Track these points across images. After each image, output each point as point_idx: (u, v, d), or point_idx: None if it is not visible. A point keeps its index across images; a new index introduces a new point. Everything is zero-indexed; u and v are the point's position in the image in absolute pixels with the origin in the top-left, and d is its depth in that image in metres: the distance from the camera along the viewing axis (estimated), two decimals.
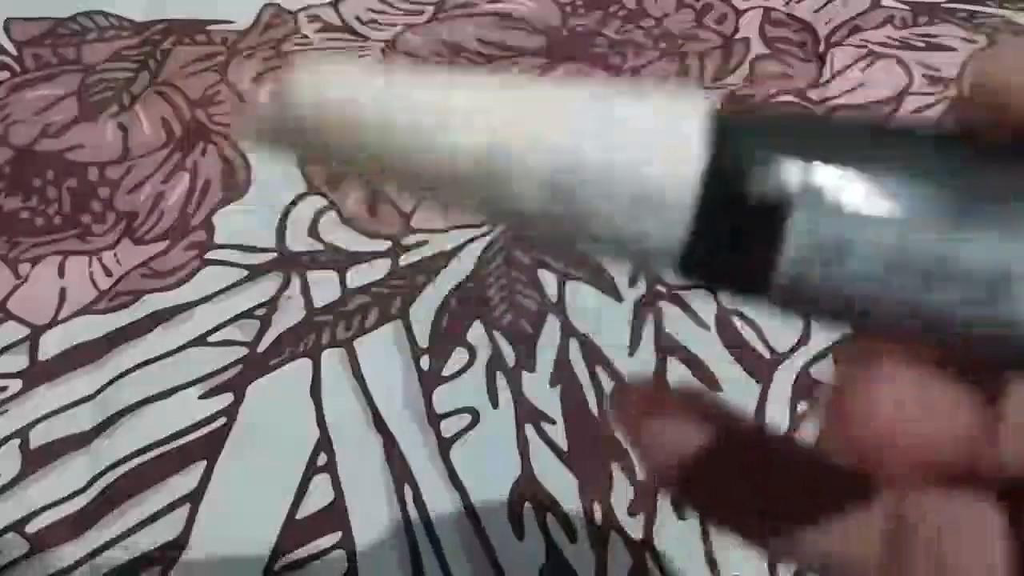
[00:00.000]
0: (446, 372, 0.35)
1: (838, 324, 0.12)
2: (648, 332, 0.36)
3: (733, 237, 0.11)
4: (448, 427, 0.33)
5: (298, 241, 0.40)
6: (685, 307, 0.37)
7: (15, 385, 0.35)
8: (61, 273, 0.39)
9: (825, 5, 0.52)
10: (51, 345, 0.36)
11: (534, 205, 0.11)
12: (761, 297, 0.12)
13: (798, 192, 0.11)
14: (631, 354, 0.35)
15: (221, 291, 0.38)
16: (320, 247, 0.39)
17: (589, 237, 0.12)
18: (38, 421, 0.34)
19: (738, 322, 0.36)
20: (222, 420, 0.33)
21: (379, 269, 0.38)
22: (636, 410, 0.14)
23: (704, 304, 0.37)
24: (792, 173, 0.11)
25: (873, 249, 0.11)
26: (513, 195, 0.11)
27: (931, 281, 0.11)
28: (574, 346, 0.35)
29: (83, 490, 0.32)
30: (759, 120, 0.12)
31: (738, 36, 0.51)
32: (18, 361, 0.36)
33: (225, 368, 0.35)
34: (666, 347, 0.35)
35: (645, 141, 0.11)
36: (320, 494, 0.31)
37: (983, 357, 0.12)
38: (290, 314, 0.37)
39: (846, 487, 0.13)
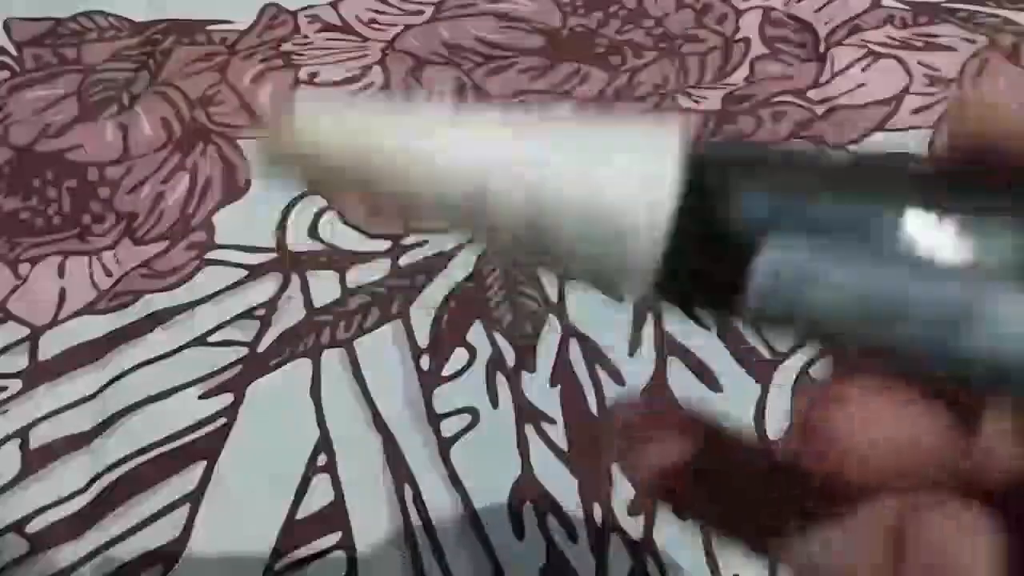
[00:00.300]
0: (446, 372, 0.35)
1: (807, 343, 0.13)
2: (648, 332, 0.36)
3: (704, 265, 0.12)
4: (448, 427, 0.33)
5: (298, 241, 0.40)
6: None
7: (15, 385, 0.35)
8: (61, 273, 0.39)
9: (825, 5, 0.52)
10: (51, 345, 0.36)
11: (515, 234, 0.12)
12: (732, 318, 0.12)
13: (766, 226, 0.12)
14: (631, 354, 0.35)
15: (221, 291, 0.38)
16: (320, 247, 0.39)
17: (567, 263, 0.12)
18: (38, 421, 0.34)
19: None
20: (222, 420, 0.33)
21: (379, 269, 0.38)
22: (629, 427, 0.15)
23: None
24: (761, 207, 0.12)
25: (836, 284, 0.11)
26: (496, 224, 0.12)
27: (893, 318, 0.11)
28: (574, 346, 0.35)
29: (83, 490, 0.32)
30: (732, 154, 0.12)
31: (738, 36, 0.51)
32: (18, 361, 0.36)
33: (225, 368, 0.35)
34: (666, 347, 0.35)
35: (622, 174, 0.12)
36: (320, 494, 0.31)
37: (950, 384, 0.12)
38: (290, 314, 0.37)
39: (830, 495, 0.14)
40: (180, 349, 0.36)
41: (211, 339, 0.36)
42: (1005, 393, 0.12)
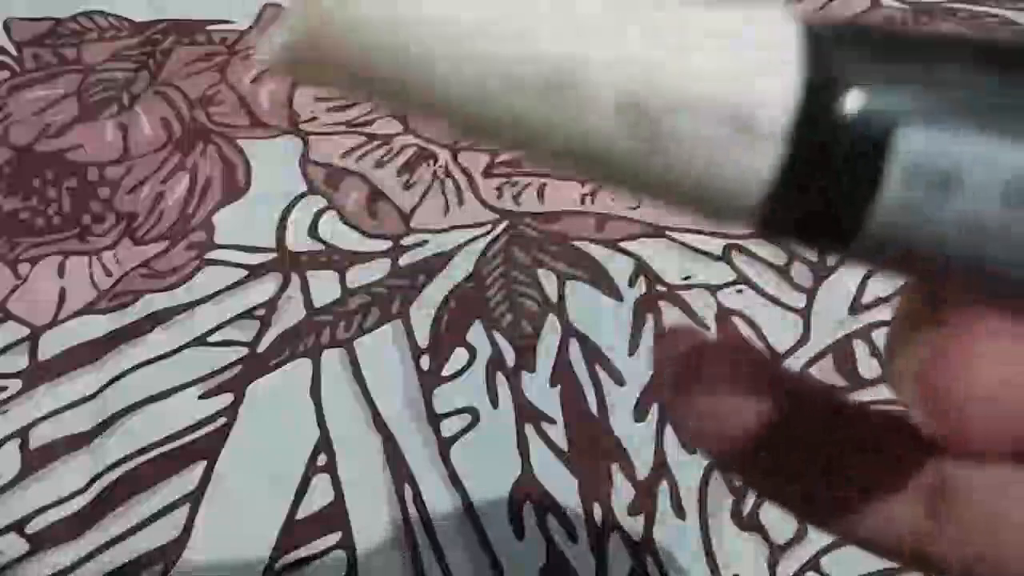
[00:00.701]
0: (446, 372, 0.35)
1: (933, 275, 0.11)
2: (648, 332, 0.36)
3: (831, 165, 0.10)
4: (448, 427, 0.33)
5: (298, 241, 0.40)
6: (685, 307, 0.37)
7: (15, 385, 0.35)
8: (61, 273, 0.39)
9: (825, 5, 0.52)
10: (51, 345, 0.36)
11: (607, 133, 0.10)
12: (853, 238, 0.10)
13: (905, 116, 0.10)
14: (631, 354, 0.35)
15: (221, 291, 0.38)
16: (320, 247, 0.39)
17: (666, 171, 0.10)
18: (38, 421, 0.34)
19: (738, 321, 0.36)
20: (222, 420, 0.33)
21: (379, 269, 0.38)
22: (686, 369, 0.13)
23: (704, 304, 0.37)
24: (898, 96, 0.10)
25: (986, 179, 0.10)
26: (584, 120, 0.10)
27: None
28: (574, 346, 0.35)
29: (83, 490, 0.32)
30: (858, 35, 0.10)
31: None
32: (18, 361, 0.36)
33: (225, 368, 0.35)
34: None
35: (733, 56, 0.10)
36: (320, 494, 0.31)
37: None
38: (290, 314, 0.37)
39: (907, 456, 0.12)
40: (180, 349, 0.36)
41: (211, 339, 0.36)
42: None
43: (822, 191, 0.10)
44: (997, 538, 0.12)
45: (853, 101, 0.10)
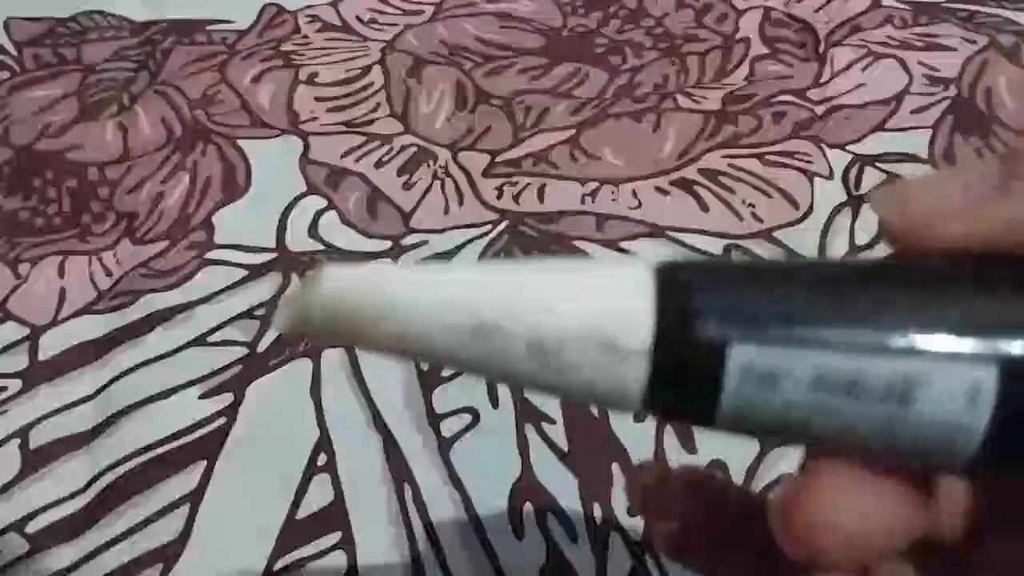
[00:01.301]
0: (446, 372, 0.35)
1: (782, 441, 0.14)
2: None
3: (682, 380, 0.13)
4: (448, 427, 0.33)
5: (298, 241, 0.40)
6: None
7: (15, 385, 0.35)
8: (61, 273, 0.39)
9: (825, 5, 0.52)
10: (51, 345, 0.36)
11: (520, 368, 0.14)
12: (712, 422, 0.14)
13: (737, 335, 0.13)
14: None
15: (221, 291, 0.38)
16: (320, 247, 0.39)
17: (567, 389, 0.14)
18: (38, 421, 0.34)
19: None
20: (222, 420, 0.33)
21: None
22: (643, 490, 0.17)
23: None
24: (731, 320, 0.13)
25: (799, 375, 0.13)
26: (502, 361, 0.14)
27: (848, 397, 0.13)
28: None
29: (83, 490, 0.32)
30: (703, 272, 0.14)
31: (738, 36, 0.51)
32: (18, 361, 0.36)
33: (225, 368, 0.35)
34: None
35: (604, 300, 0.13)
36: (320, 494, 0.31)
37: (908, 462, 0.14)
38: None
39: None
40: (180, 349, 0.36)
41: (211, 339, 0.36)
42: (952, 465, 0.14)
43: (681, 391, 0.13)
44: None
45: (696, 327, 0.13)
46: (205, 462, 0.32)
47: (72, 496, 0.32)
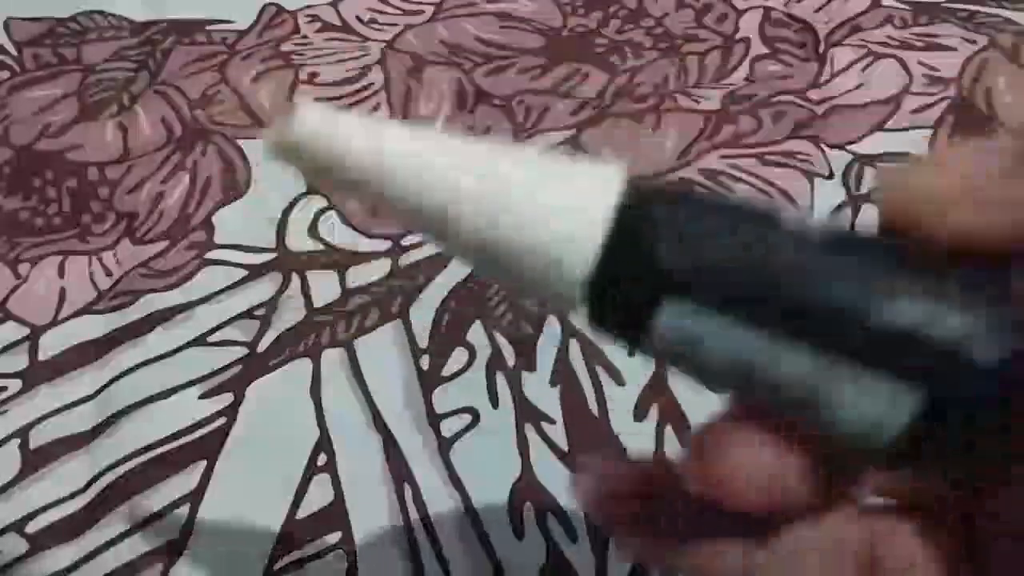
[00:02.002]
0: (446, 372, 0.35)
1: (702, 384, 0.15)
2: None
3: (620, 302, 0.14)
4: (448, 427, 0.33)
5: (298, 241, 0.40)
6: None
7: (15, 385, 0.35)
8: (61, 273, 0.39)
9: (825, 5, 0.52)
10: (51, 345, 0.36)
11: (472, 249, 0.14)
12: (640, 349, 0.15)
13: (669, 287, 0.14)
14: (631, 354, 0.35)
15: (221, 291, 0.38)
16: (320, 247, 0.39)
17: (512, 279, 0.14)
18: (38, 421, 0.34)
19: None
20: (222, 420, 0.33)
21: (379, 269, 0.38)
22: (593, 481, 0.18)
23: None
24: (669, 270, 0.14)
25: (717, 349, 0.14)
26: (456, 241, 0.14)
27: (759, 385, 0.14)
28: (574, 346, 0.35)
29: (83, 490, 0.32)
30: (659, 209, 0.14)
31: (738, 36, 0.51)
32: (18, 361, 0.36)
33: (225, 368, 0.35)
34: None
35: (564, 210, 0.14)
36: (320, 494, 0.31)
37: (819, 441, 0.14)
38: (290, 314, 0.37)
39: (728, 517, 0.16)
40: (180, 349, 0.36)
41: (211, 339, 0.36)
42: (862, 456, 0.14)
43: (614, 312, 0.14)
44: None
45: (638, 262, 0.14)
46: (205, 462, 0.32)
47: (72, 496, 0.32)
